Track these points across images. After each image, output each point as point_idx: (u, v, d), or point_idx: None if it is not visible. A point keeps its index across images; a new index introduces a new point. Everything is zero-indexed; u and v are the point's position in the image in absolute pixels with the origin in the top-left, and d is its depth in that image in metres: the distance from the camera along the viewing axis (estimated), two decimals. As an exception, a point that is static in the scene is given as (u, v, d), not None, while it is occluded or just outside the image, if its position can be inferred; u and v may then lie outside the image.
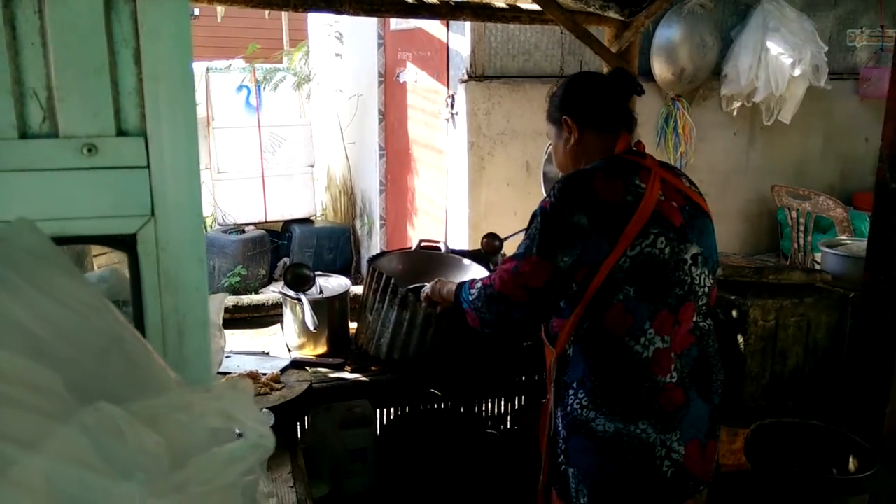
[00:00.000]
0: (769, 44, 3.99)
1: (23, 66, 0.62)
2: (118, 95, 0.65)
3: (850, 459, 2.26)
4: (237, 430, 0.51)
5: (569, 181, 1.53)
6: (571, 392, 1.54)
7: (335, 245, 6.05)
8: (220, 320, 0.99)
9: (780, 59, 3.96)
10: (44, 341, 0.47)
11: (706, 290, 1.59)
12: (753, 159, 4.58)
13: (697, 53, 4.01)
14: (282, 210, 6.07)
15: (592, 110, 1.65)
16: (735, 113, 4.35)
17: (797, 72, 3.94)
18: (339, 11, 2.42)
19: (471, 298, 1.64)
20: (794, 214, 4.18)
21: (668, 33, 4.02)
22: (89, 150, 0.65)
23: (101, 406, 0.44)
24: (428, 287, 2.02)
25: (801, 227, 4.13)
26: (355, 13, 2.46)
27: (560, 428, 1.57)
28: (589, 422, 1.51)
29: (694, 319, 1.56)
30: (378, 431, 2.43)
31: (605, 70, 2.71)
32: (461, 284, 1.76)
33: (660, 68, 4.08)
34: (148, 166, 0.66)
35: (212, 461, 0.47)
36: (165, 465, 0.45)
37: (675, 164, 4.26)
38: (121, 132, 0.66)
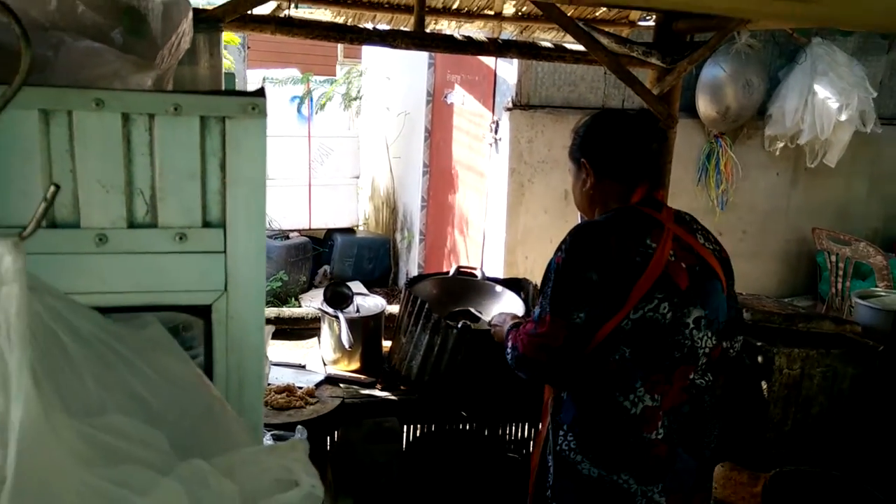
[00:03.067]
0: (817, 87, 4.00)
1: (133, 172, 0.79)
2: (205, 195, 0.81)
3: (868, 513, 2.27)
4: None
5: (581, 235, 1.53)
6: (562, 433, 1.58)
7: (375, 255, 6.20)
8: (267, 349, 1.13)
9: (826, 103, 3.96)
10: (155, 409, 0.61)
11: (707, 350, 1.57)
12: (795, 200, 4.57)
13: (743, 93, 4.04)
14: (325, 218, 6.25)
15: (611, 159, 1.61)
16: (777, 153, 4.35)
17: (843, 116, 3.94)
18: (392, 46, 2.55)
19: (507, 356, 1.64)
20: (833, 259, 4.16)
21: (714, 72, 4.05)
22: (181, 238, 0.80)
23: (193, 462, 0.58)
24: (495, 320, 2.00)
25: (840, 272, 4.10)
26: (407, 48, 2.59)
27: (550, 464, 1.61)
28: (576, 464, 1.55)
29: (691, 377, 1.56)
30: (403, 448, 2.52)
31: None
32: (507, 332, 1.70)
33: (704, 106, 4.11)
34: (225, 251, 0.82)
35: (274, 506, 0.60)
36: (239, 507, 0.58)
37: (716, 201, 4.28)
38: (206, 224, 0.82)
